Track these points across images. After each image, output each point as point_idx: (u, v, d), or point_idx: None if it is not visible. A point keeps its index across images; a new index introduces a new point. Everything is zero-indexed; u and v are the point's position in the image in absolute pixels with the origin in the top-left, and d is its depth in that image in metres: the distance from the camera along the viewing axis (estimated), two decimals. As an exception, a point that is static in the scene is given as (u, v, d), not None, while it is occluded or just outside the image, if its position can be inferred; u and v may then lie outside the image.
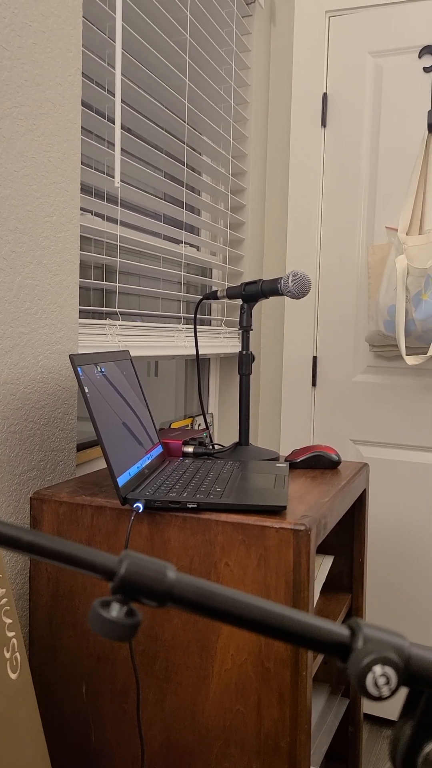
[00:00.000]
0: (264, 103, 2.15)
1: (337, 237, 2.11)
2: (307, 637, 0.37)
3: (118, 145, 1.33)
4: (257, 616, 0.38)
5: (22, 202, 1.07)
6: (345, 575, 1.42)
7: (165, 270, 1.59)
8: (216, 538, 0.97)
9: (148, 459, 1.17)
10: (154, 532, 1.01)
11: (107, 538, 1.04)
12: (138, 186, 1.63)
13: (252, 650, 0.96)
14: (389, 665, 0.35)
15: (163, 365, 1.85)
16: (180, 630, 1.00)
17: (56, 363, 1.17)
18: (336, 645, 0.37)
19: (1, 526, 0.37)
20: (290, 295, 1.35)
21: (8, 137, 1.03)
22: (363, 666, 0.35)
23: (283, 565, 0.94)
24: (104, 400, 1.06)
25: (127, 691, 1.04)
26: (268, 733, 0.96)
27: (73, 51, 1.17)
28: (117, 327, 1.40)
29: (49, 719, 1.09)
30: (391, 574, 2.09)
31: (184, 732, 1.01)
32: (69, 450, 1.22)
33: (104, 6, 1.28)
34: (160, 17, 1.51)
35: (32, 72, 1.07)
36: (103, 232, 1.34)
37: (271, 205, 2.19)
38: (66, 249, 1.18)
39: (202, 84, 1.75)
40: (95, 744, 1.06)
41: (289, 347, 2.17)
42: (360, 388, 2.10)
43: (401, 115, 2.01)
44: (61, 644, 1.07)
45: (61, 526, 1.07)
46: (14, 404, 1.07)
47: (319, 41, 2.09)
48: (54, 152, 1.14)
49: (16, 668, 0.83)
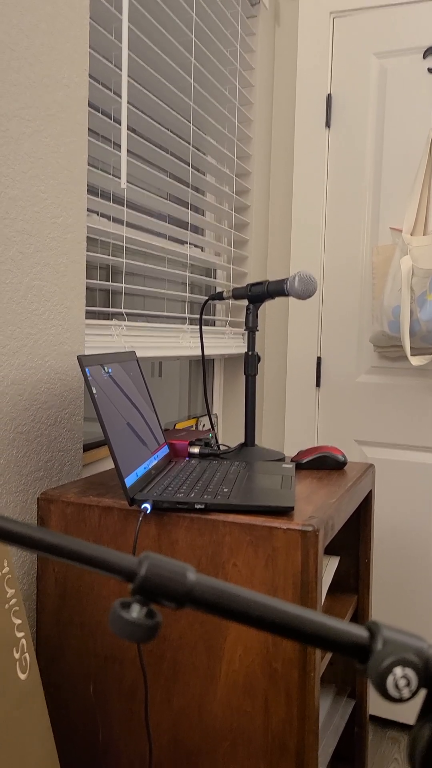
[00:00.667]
0: (268, 104, 2.15)
1: (342, 238, 2.11)
2: (326, 639, 0.38)
3: (124, 147, 1.33)
4: (276, 617, 0.38)
5: (30, 203, 1.07)
6: (351, 576, 1.42)
7: (170, 270, 1.59)
8: (224, 539, 0.98)
9: (154, 460, 1.17)
10: (161, 533, 1.01)
11: (115, 538, 1.04)
12: (144, 187, 1.63)
13: (260, 650, 0.97)
14: (410, 667, 0.35)
15: (167, 366, 1.86)
16: (187, 630, 1.00)
17: (63, 364, 1.18)
18: (355, 647, 0.37)
19: (22, 527, 0.37)
20: (296, 295, 1.36)
21: (16, 138, 1.03)
22: (383, 668, 0.35)
23: (290, 566, 0.94)
24: (111, 401, 1.06)
25: (134, 690, 1.04)
26: (276, 734, 0.96)
27: (81, 52, 1.17)
28: (123, 327, 1.40)
29: (57, 719, 1.09)
30: (397, 575, 2.09)
31: (191, 732, 1.01)
32: (76, 450, 1.23)
33: (111, 8, 1.29)
34: (165, 19, 1.51)
35: (40, 73, 1.08)
36: (109, 233, 1.34)
37: (276, 206, 2.20)
38: (73, 250, 1.19)
39: (207, 85, 1.75)
40: (103, 743, 1.06)
41: (293, 348, 2.17)
42: (364, 388, 2.10)
43: (405, 116, 2.01)
44: (68, 644, 1.07)
45: (68, 526, 1.07)
46: (22, 405, 1.07)
47: (324, 42, 2.09)
48: (61, 153, 1.14)
49: (25, 668, 0.84)
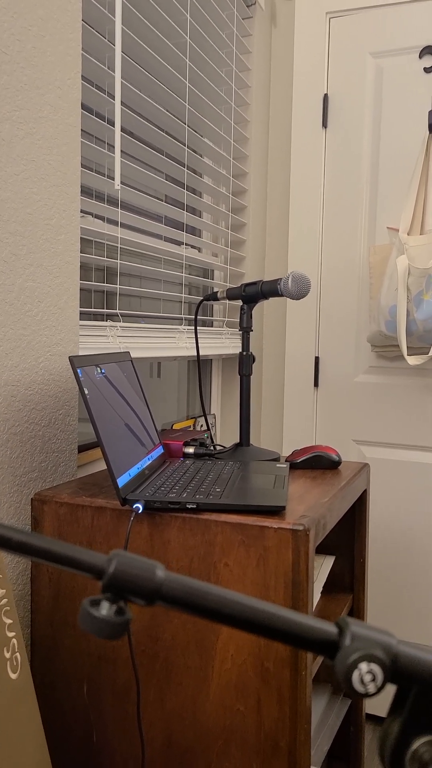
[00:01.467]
0: (265, 105, 2.15)
1: (339, 237, 2.11)
2: (295, 635, 0.38)
3: (118, 148, 1.33)
4: (247, 614, 0.38)
5: (22, 204, 1.08)
6: (346, 575, 1.42)
7: (166, 271, 1.59)
8: (215, 539, 0.98)
9: (148, 460, 1.17)
10: (154, 533, 1.01)
11: (107, 538, 1.04)
12: (139, 188, 1.63)
13: (252, 650, 0.97)
14: (375, 662, 0.35)
15: (166, 366, 1.86)
16: (180, 630, 1.01)
17: (57, 365, 1.18)
18: (324, 643, 0.38)
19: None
20: (290, 296, 1.36)
21: (8, 140, 1.04)
22: (349, 663, 0.35)
23: (282, 565, 0.95)
24: (104, 401, 1.07)
25: (127, 691, 1.04)
26: (269, 733, 0.97)
27: (73, 54, 1.18)
28: (118, 328, 1.41)
29: (50, 719, 1.09)
30: (393, 574, 2.08)
31: (184, 731, 1.01)
32: (70, 451, 1.23)
33: (104, 9, 1.29)
34: (159, 20, 1.52)
35: (32, 76, 1.08)
36: (103, 234, 1.35)
37: (273, 206, 2.20)
38: (66, 251, 1.19)
39: (202, 86, 1.75)
40: (96, 744, 1.06)
41: (290, 348, 2.17)
42: (362, 388, 2.10)
43: (402, 116, 2.01)
44: (62, 644, 1.08)
45: (61, 527, 1.07)
46: (15, 406, 1.08)
47: (320, 42, 2.09)
48: (54, 155, 1.14)
49: (16, 668, 0.84)
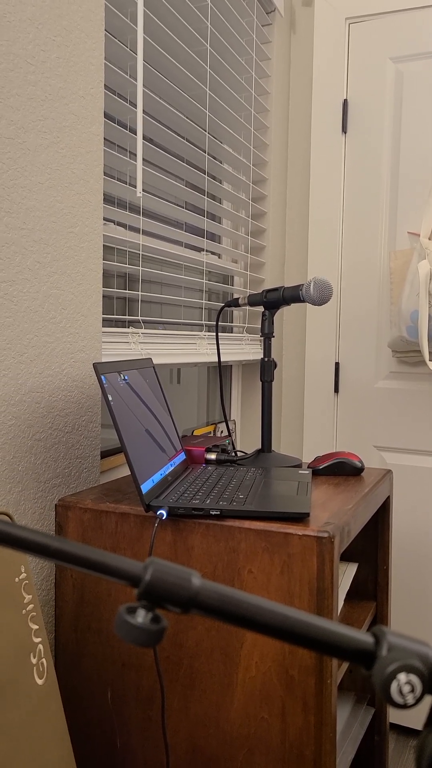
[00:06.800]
0: (284, 111, 2.15)
1: (359, 243, 2.10)
2: (331, 645, 0.38)
3: (140, 156, 1.34)
4: (282, 623, 0.38)
5: (47, 213, 1.09)
6: (370, 583, 1.41)
7: (187, 278, 1.60)
8: (239, 545, 0.98)
9: (171, 466, 1.17)
10: (177, 539, 1.01)
11: (131, 544, 1.04)
12: (160, 195, 1.64)
13: (276, 658, 0.96)
14: (414, 673, 0.35)
15: (186, 372, 1.86)
16: (204, 637, 1.00)
17: (80, 371, 1.19)
18: (360, 653, 0.37)
19: (30, 533, 0.38)
20: (312, 301, 1.35)
21: (33, 150, 1.05)
22: (388, 674, 0.35)
23: (306, 573, 0.94)
24: (127, 408, 1.07)
25: (151, 697, 1.04)
26: (293, 742, 0.96)
27: (96, 64, 1.19)
28: (140, 335, 1.41)
29: (74, 724, 1.10)
30: (416, 582, 2.07)
31: (208, 739, 1.01)
32: (93, 457, 1.24)
33: (126, 19, 1.30)
34: (181, 29, 1.53)
35: (56, 86, 1.09)
36: (125, 241, 1.35)
37: (293, 212, 2.20)
38: (89, 258, 1.20)
39: (222, 93, 1.76)
40: (120, 750, 1.06)
41: (311, 353, 2.17)
42: (383, 394, 2.09)
43: (422, 120, 2.01)
44: (86, 650, 1.08)
45: (85, 532, 1.08)
46: (39, 412, 1.09)
47: (339, 48, 2.09)
48: (77, 164, 1.15)
49: (42, 674, 0.84)
